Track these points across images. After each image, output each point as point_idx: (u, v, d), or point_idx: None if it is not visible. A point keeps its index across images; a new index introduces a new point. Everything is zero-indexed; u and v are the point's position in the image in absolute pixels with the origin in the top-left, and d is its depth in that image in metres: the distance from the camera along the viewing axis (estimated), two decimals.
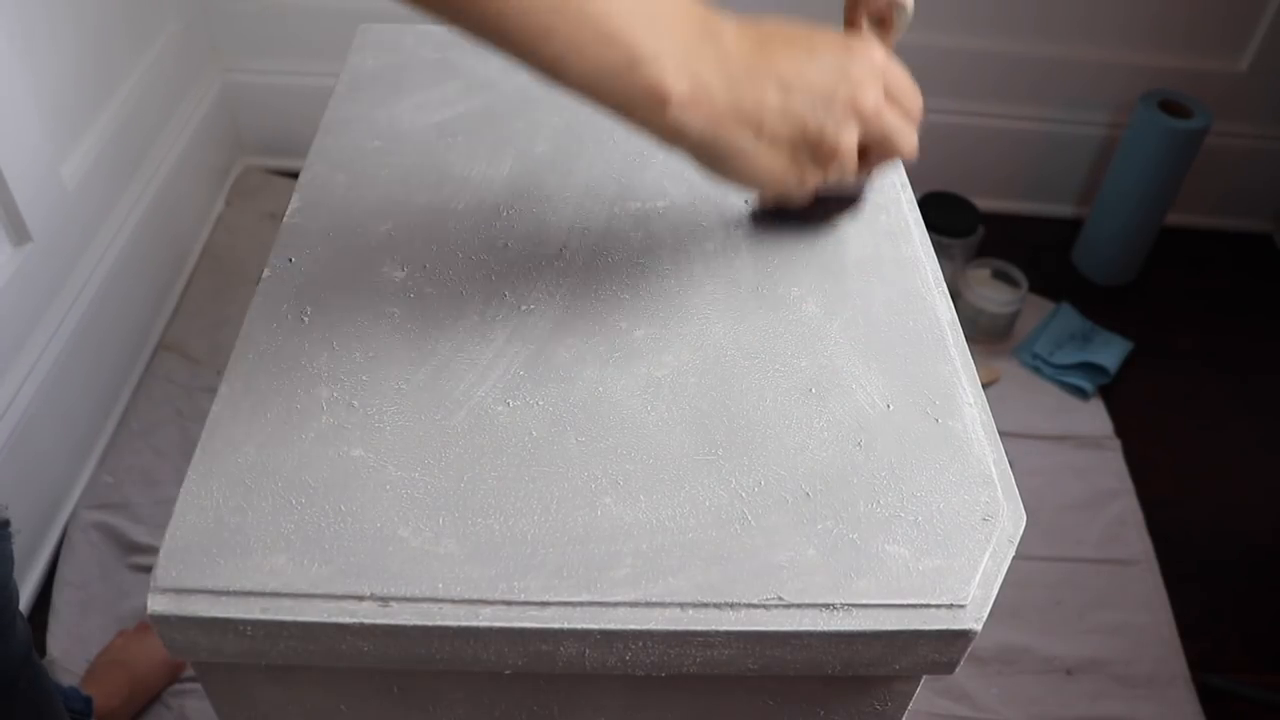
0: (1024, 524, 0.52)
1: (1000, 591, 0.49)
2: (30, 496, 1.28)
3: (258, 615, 0.46)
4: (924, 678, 0.53)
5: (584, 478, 0.52)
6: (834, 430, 0.55)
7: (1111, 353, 1.66)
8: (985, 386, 0.59)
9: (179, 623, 0.47)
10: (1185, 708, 1.26)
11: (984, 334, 1.68)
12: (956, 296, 1.64)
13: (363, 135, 0.72)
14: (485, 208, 0.67)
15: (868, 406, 0.56)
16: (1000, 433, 0.56)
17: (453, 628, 0.47)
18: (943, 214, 1.71)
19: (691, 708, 0.55)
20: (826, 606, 0.48)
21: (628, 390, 0.56)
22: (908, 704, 0.55)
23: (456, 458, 0.52)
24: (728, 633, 0.47)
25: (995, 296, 1.66)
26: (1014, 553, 0.50)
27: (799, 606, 0.47)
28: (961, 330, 0.62)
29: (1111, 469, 1.52)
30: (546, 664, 0.48)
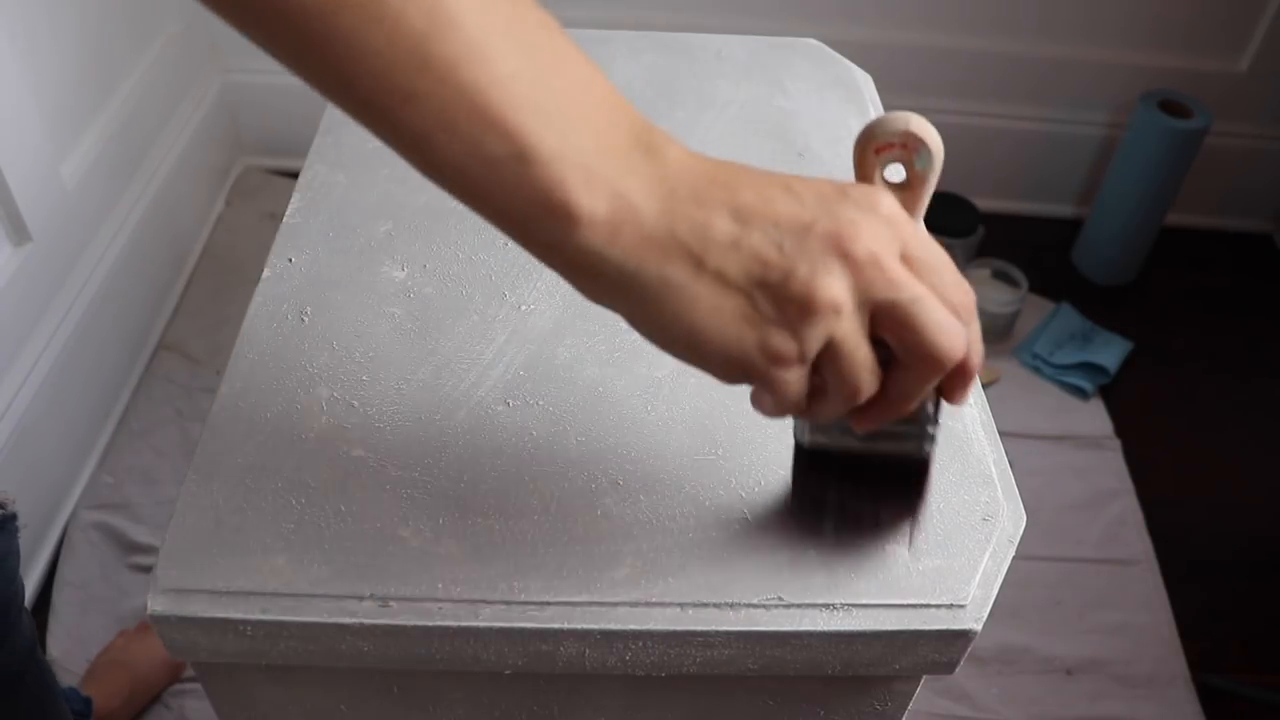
0: (1024, 524, 0.52)
1: (1000, 591, 0.49)
2: (30, 497, 1.28)
3: (258, 615, 0.46)
4: (924, 678, 0.53)
5: (584, 478, 0.52)
6: None
7: (1111, 353, 1.66)
8: (985, 386, 0.59)
9: (179, 623, 0.47)
10: (1185, 708, 1.26)
11: (984, 334, 1.68)
12: None
13: (363, 135, 0.72)
14: None
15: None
16: (1000, 433, 0.56)
17: (453, 628, 0.47)
18: (943, 214, 1.71)
19: (691, 708, 0.55)
20: (826, 606, 0.48)
21: (628, 390, 0.56)
22: (908, 704, 0.55)
23: (456, 458, 0.52)
24: (728, 633, 0.47)
25: (995, 296, 1.66)
26: (1014, 553, 0.50)
27: (799, 606, 0.47)
28: None
29: (1111, 469, 1.52)
30: (546, 664, 0.48)
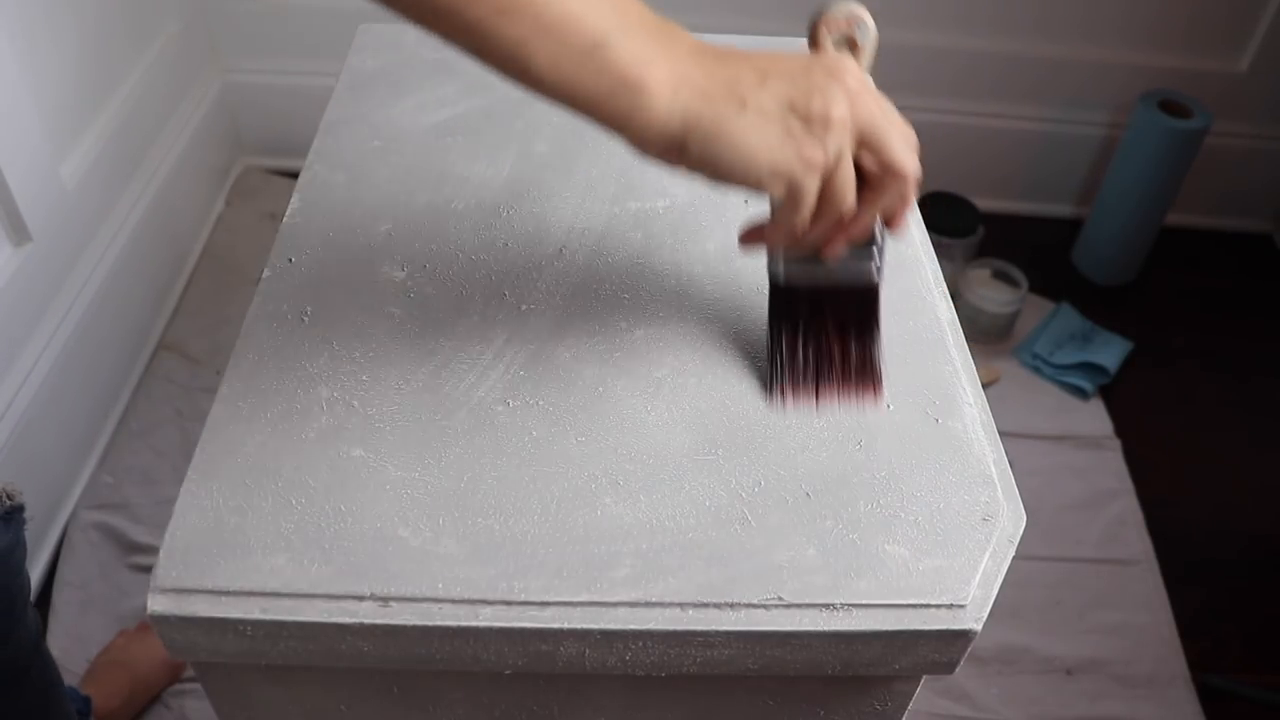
0: (1024, 524, 0.52)
1: (1000, 591, 0.49)
2: (30, 497, 1.27)
3: (258, 615, 0.46)
4: (924, 678, 0.53)
5: (584, 478, 0.52)
6: (834, 430, 0.55)
7: (1111, 353, 1.66)
8: (985, 386, 0.59)
9: (179, 623, 0.47)
10: (1185, 708, 1.26)
11: (984, 334, 1.68)
12: (956, 296, 1.64)
13: (363, 135, 0.72)
14: (485, 208, 0.67)
15: (868, 406, 0.56)
16: (1000, 433, 0.56)
17: (452, 628, 0.47)
18: (943, 214, 1.71)
19: (691, 708, 0.55)
20: (826, 606, 0.48)
21: (628, 390, 0.56)
22: (908, 704, 0.55)
23: (456, 458, 0.52)
24: (728, 633, 0.47)
25: (995, 296, 1.66)
26: (1014, 553, 0.50)
27: (799, 606, 0.47)
28: (961, 330, 0.62)
29: (1111, 469, 1.52)
30: (546, 664, 0.48)
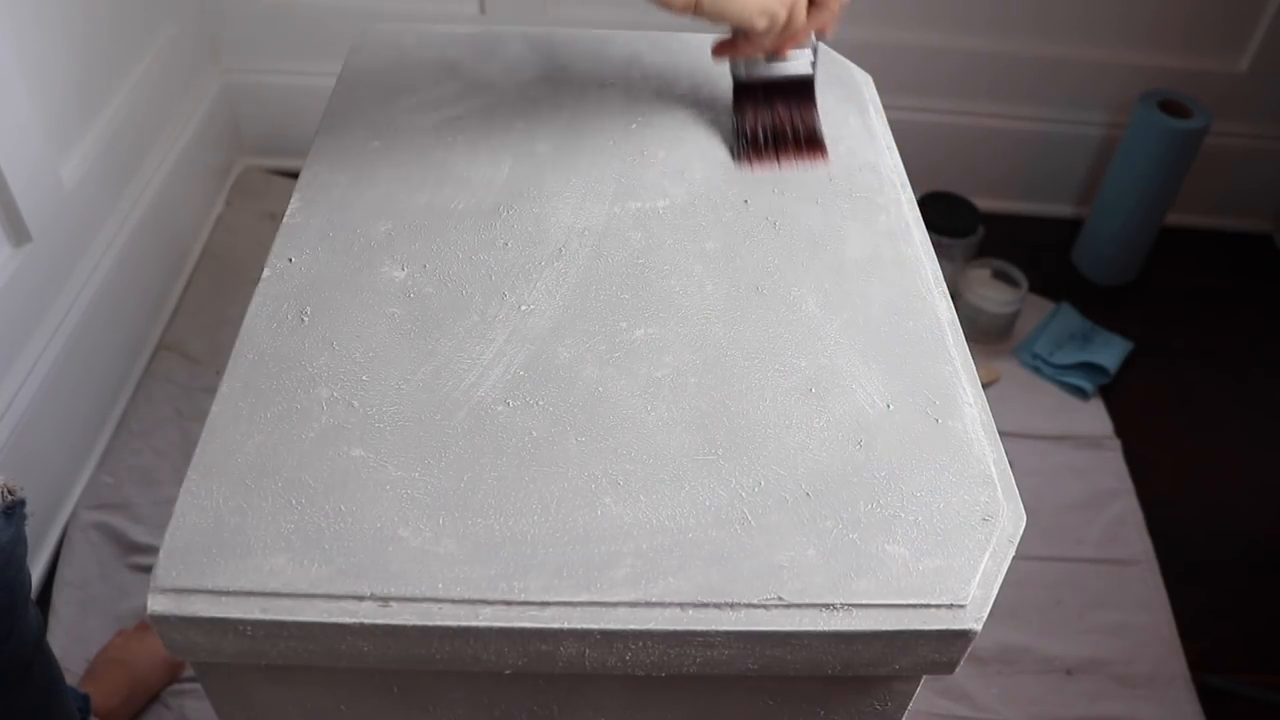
0: (1024, 524, 0.52)
1: (1000, 591, 0.49)
2: (30, 496, 1.28)
3: (258, 615, 0.46)
4: (924, 678, 0.53)
5: (584, 478, 0.52)
6: (834, 430, 0.55)
7: (1111, 353, 1.66)
8: (985, 386, 0.59)
9: (179, 623, 0.47)
10: (1185, 708, 1.26)
11: (984, 334, 1.68)
12: (956, 296, 1.64)
13: (363, 135, 0.72)
14: (485, 208, 0.67)
15: (868, 406, 0.56)
16: (1000, 433, 0.56)
17: (452, 628, 0.47)
18: (943, 214, 1.71)
19: (691, 708, 0.55)
20: (826, 606, 0.48)
21: (628, 390, 0.56)
22: (908, 704, 0.55)
23: (456, 458, 0.52)
24: (728, 633, 0.47)
25: (995, 296, 1.66)
26: (1014, 553, 0.50)
27: (799, 606, 0.47)
28: (961, 330, 0.62)
29: (1111, 469, 1.52)
30: (546, 664, 0.48)
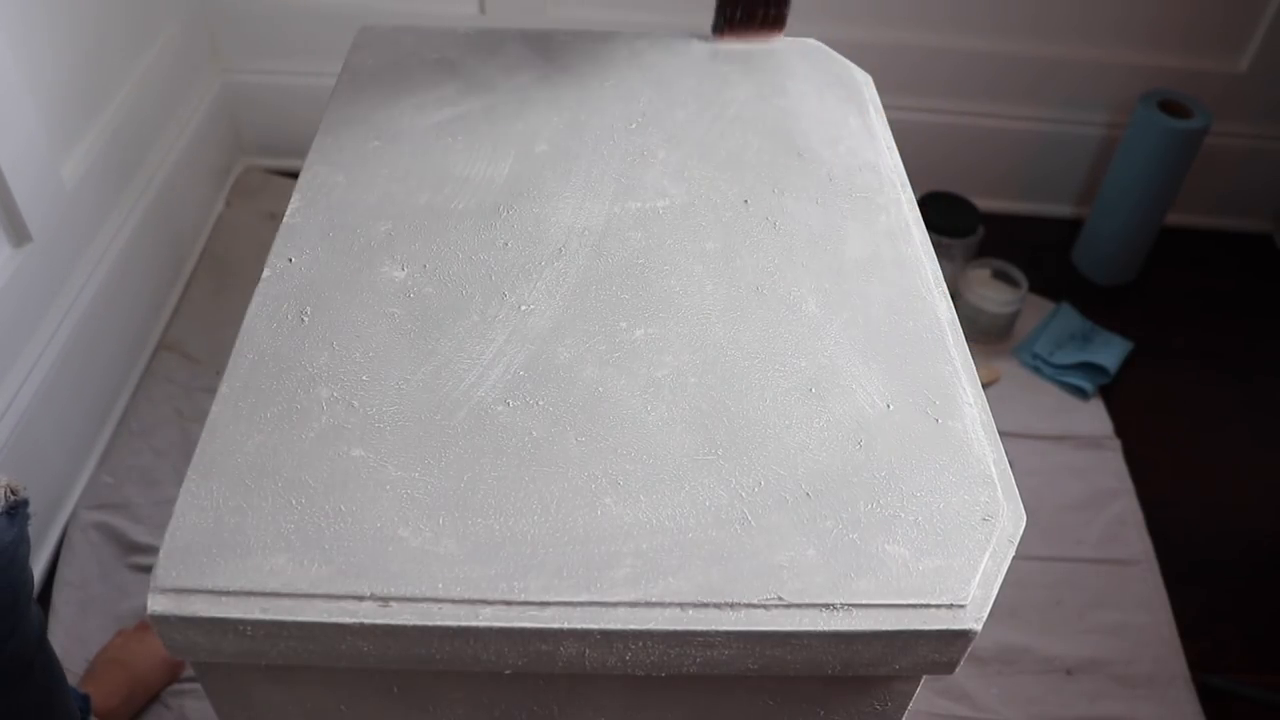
0: (1024, 524, 0.52)
1: (1000, 591, 0.49)
2: (30, 496, 1.28)
3: (258, 615, 0.46)
4: (924, 678, 0.53)
5: (584, 478, 0.52)
6: (834, 430, 0.55)
7: (1111, 353, 1.66)
8: (985, 386, 0.59)
9: (179, 623, 0.47)
10: (1185, 708, 1.26)
11: (984, 334, 1.68)
12: (956, 296, 1.64)
13: (363, 135, 0.72)
14: (485, 208, 0.67)
15: (868, 406, 0.56)
16: (1000, 433, 0.56)
17: (452, 628, 0.47)
18: (943, 214, 1.71)
19: (691, 708, 0.55)
20: (826, 606, 0.48)
21: (628, 390, 0.56)
22: (908, 704, 0.55)
23: (456, 458, 0.52)
24: (728, 633, 0.47)
25: (995, 296, 1.66)
26: (1014, 553, 0.50)
27: (799, 606, 0.47)
28: (961, 330, 0.62)
29: (1111, 469, 1.52)
30: (546, 664, 0.48)
